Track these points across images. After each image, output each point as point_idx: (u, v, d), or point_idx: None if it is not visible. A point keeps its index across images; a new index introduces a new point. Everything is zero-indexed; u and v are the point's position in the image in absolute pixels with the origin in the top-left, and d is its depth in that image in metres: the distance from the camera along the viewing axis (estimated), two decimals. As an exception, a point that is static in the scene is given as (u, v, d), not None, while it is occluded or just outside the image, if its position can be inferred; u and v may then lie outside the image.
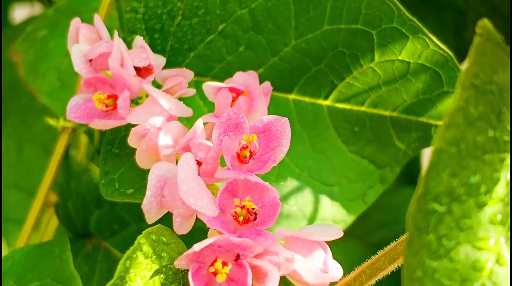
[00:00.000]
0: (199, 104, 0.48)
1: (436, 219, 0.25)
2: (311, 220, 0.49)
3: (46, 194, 0.53)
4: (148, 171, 0.43)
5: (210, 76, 0.49)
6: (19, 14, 0.94)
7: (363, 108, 0.49)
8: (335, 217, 0.49)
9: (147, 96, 0.44)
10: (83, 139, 0.58)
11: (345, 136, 0.49)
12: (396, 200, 0.79)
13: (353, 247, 0.75)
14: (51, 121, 0.53)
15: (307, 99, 0.49)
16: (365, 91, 0.48)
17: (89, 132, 0.55)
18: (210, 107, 0.49)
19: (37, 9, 0.93)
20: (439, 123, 0.48)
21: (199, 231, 0.39)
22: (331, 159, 0.50)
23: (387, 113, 0.49)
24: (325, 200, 0.49)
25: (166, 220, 0.53)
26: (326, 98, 0.49)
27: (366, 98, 0.48)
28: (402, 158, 0.50)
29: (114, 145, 0.44)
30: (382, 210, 0.78)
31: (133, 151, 0.44)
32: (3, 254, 0.66)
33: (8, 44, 0.78)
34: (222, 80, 0.44)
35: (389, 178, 0.51)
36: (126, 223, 0.55)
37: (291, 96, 0.49)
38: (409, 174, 0.64)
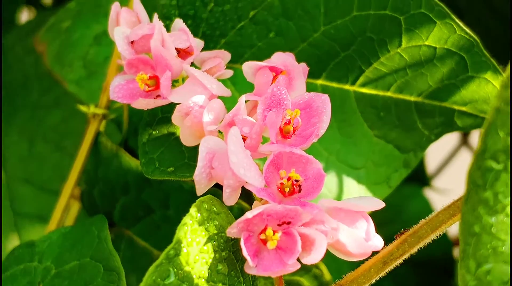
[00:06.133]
0: (231, 89, 0.49)
1: (493, 177, 0.27)
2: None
3: (76, 180, 0.54)
4: (187, 151, 0.44)
5: (240, 62, 0.50)
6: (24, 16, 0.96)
7: (389, 93, 0.50)
8: (361, 199, 0.51)
9: (183, 79, 0.45)
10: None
11: (371, 121, 0.51)
12: (395, 199, 0.79)
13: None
14: (82, 108, 0.54)
15: (334, 84, 0.50)
16: (391, 76, 0.49)
17: (117, 121, 0.56)
18: (241, 92, 0.50)
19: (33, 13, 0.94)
20: (462, 108, 0.50)
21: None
22: (358, 143, 0.51)
23: (412, 98, 0.50)
24: (352, 183, 0.51)
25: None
26: (353, 83, 0.50)
27: (392, 83, 0.50)
28: (426, 143, 0.52)
29: (152, 127, 0.46)
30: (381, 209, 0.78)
31: (170, 133, 0.46)
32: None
33: (17, 43, 0.79)
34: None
35: (412, 162, 0.52)
36: (151, 210, 0.56)
37: (319, 82, 0.50)
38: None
